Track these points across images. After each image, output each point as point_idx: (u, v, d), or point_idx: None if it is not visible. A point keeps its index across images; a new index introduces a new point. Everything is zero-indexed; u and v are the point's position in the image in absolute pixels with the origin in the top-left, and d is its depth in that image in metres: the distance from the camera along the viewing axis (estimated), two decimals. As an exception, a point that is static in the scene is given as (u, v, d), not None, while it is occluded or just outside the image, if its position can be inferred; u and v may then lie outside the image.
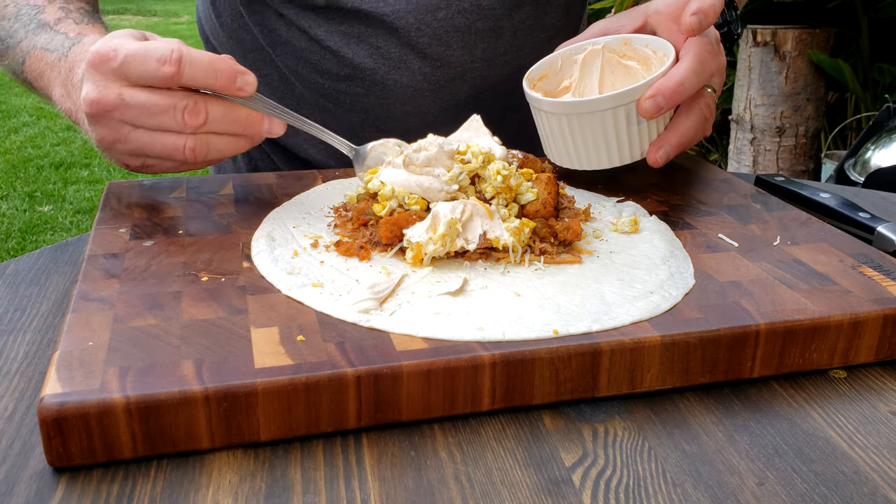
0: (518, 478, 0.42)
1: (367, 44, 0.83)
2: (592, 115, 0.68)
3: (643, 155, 0.71)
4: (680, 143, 0.70)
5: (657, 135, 0.70)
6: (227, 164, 0.99)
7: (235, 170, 0.99)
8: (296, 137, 0.92)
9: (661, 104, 0.66)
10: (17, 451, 0.43)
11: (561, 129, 0.71)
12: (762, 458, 0.44)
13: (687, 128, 0.70)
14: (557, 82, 0.78)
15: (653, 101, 0.66)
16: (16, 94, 5.14)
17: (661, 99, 0.66)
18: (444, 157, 0.61)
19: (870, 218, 0.70)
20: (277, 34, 0.86)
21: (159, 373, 0.43)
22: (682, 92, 0.67)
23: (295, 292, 0.52)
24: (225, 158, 0.67)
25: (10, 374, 0.50)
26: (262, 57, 0.89)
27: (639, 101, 0.67)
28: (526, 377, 0.47)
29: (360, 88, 0.85)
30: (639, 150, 0.71)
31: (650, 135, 0.70)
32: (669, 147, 0.69)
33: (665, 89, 0.66)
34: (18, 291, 0.60)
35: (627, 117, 0.68)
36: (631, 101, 0.67)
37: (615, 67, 0.77)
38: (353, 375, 0.44)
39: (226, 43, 0.92)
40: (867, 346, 0.52)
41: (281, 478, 0.42)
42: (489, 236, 0.56)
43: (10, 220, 3.20)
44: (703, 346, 0.49)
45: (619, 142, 0.70)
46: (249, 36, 0.89)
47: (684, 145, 0.70)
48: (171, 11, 9.07)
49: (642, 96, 0.67)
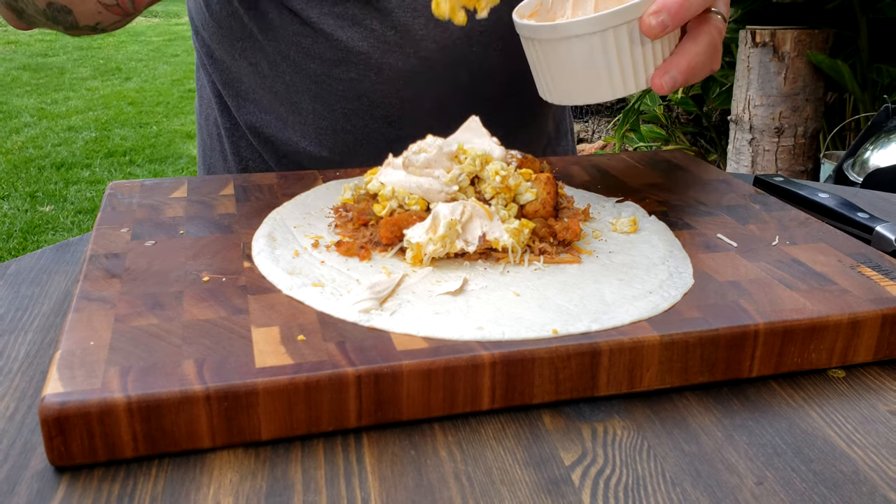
0: (518, 477, 0.42)
1: (362, 27, 0.81)
2: (592, 36, 0.63)
3: (648, 82, 0.65)
4: (689, 67, 0.64)
5: (662, 59, 0.65)
6: (218, 163, 0.98)
7: (226, 170, 0.97)
8: (286, 130, 0.90)
9: (665, 22, 0.61)
10: (19, 451, 0.43)
11: (558, 58, 0.65)
12: (761, 458, 0.44)
13: (696, 53, 0.64)
14: (550, 19, 0.71)
15: (657, 18, 0.61)
16: (17, 95, 5.15)
17: (665, 16, 0.61)
18: (443, 158, 0.61)
19: (868, 218, 0.70)
20: (268, 19, 0.84)
21: (160, 372, 0.43)
22: (688, 7, 0.61)
23: (296, 292, 0.52)
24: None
25: (12, 374, 0.50)
26: (252, 45, 0.87)
27: (641, 19, 0.61)
28: (525, 376, 0.47)
29: (354, 73, 0.83)
30: (644, 76, 0.64)
31: (655, 59, 0.64)
32: (677, 72, 0.63)
33: (670, 4, 0.61)
34: (20, 291, 0.60)
35: (631, 37, 0.62)
36: (633, 20, 0.62)
37: (610, 3, 0.69)
38: (354, 375, 0.44)
39: (215, 32, 0.90)
40: (866, 345, 0.53)
41: (281, 477, 0.42)
42: (489, 237, 0.57)
43: (12, 220, 3.20)
44: (702, 345, 0.49)
45: (623, 67, 0.64)
46: (238, 23, 0.87)
47: (693, 72, 0.64)
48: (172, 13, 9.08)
49: (645, 13, 0.61)
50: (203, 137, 0.99)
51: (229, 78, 0.91)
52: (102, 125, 4.56)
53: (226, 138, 0.94)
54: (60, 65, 6.11)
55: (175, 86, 5.57)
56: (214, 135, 0.96)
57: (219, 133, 0.95)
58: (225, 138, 0.95)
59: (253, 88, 0.90)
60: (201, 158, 1.01)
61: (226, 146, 0.95)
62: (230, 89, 0.92)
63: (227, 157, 0.95)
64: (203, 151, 1.00)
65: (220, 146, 0.96)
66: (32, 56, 6.38)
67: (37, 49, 6.68)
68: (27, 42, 6.97)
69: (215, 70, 0.92)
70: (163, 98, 5.22)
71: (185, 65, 6.24)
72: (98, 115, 4.77)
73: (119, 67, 6.08)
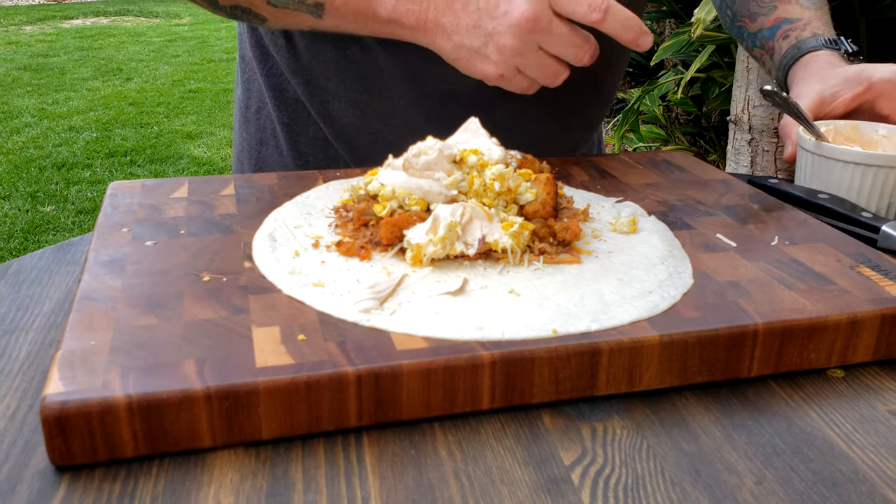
0: (517, 476, 0.42)
1: None
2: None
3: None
4: None
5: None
6: (272, 157, 0.93)
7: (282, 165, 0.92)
8: (367, 118, 0.86)
9: None
10: (20, 450, 0.43)
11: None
12: (760, 457, 0.44)
13: None
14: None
15: None
16: (18, 95, 5.15)
17: None
18: (443, 161, 0.61)
19: (872, 217, 0.70)
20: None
21: (161, 372, 0.43)
22: None
23: (296, 292, 0.52)
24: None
25: (13, 374, 0.50)
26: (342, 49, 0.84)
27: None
28: (525, 376, 0.47)
29: None
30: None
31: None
32: None
33: None
34: (21, 291, 0.61)
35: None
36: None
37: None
38: (354, 374, 0.44)
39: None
40: (865, 345, 0.53)
41: (282, 476, 0.42)
42: (488, 240, 0.57)
43: (13, 220, 3.21)
44: (701, 345, 0.49)
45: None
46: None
47: None
48: (173, 13, 9.08)
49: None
50: (250, 133, 0.96)
51: (304, 66, 0.87)
52: (103, 125, 4.56)
53: (282, 133, 0.92)
54: (61, 65, 6.11)
55: (176, 86, 5.57)
56: (268, 130, 0.93)
57: (273, 128, 0.93)
58: (281, 133, 0.92)
59: (335, 75, 0.86)
60: (245, 154, 0.97)
61: (281, 141, 0.92)
62: (302, 77, 0.88)
63: (283, 153, 0.93)
64: (248, 147, 0.96)
65: (274, 141, 0.93)
66: (33, 56, 6.39)
67: (38, 49, 6.68)
68: (28, 42, 6.98)
69: (287, 58, 0.88)
70: (164, 98, 5.22)
71: (186, 65, 6.24)
72: (99, 115, 4.77)
73: (120, 68, 6.08)
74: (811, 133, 0.78)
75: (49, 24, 8.06)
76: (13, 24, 7.91)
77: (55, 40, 7.13)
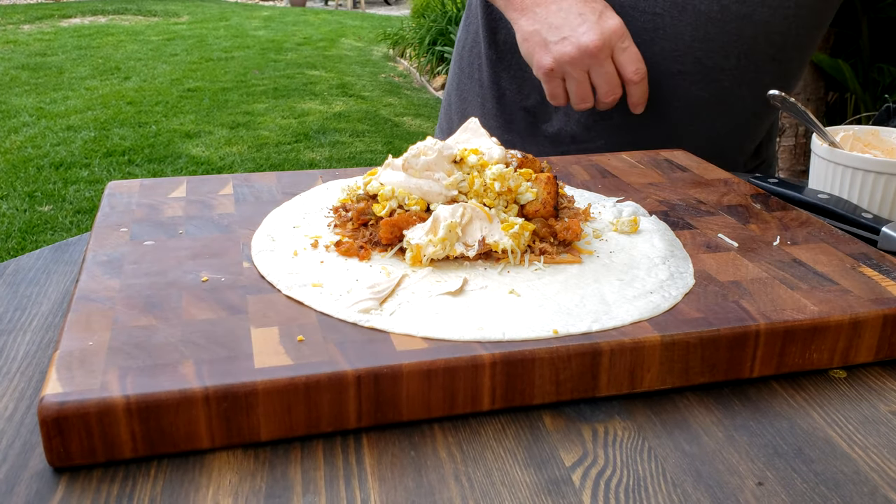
0: (518, 478, 0.42)
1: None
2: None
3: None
4: None
5: None
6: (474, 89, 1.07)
7: (481, 97, 1.06)
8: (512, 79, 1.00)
9: None
10: (18, 451, 0.43)
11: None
12: (762, 458, 0.44)
13: None
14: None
15: None
16: (16, 94, 5.15)
17: None
18: (443, 161, 0.61)
19: (873, 218, 0.70)
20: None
21: (159, 372, 0.43)
22: None
23: (295, 292, 0.52)
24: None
25: (11, 374, 0.50)
26: None
27: None
28: (526, 377, 0.47)
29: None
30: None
31: None
32: None
33: None
34: (19, 291, 0.60)
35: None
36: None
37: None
38: (353, 375, 0.44)
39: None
40: (867, 345, 0.52)
41: (281, 478, 0.42)
42: (488, 241, 0.56)
43: (11, 219, 3.20)
44: (702, 345, 0.49)
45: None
46: None
47: None
48: (171, 12, 9.08)
49: None
50: (461, 68, 1.11)
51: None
52: (101, 125, 4.56)
53: (486, 68, 1.05)
54: (59, 64, 6.11)
55: (174, 85, 5.56)
56: (475, 65, 1.08)
57: (479, 64, 1.06)
58: (486, 68, 1.05)
59: None
60: (455, 87, 1.12)
61: (484, 75, 1.06)
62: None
63: (484, 85, 1.06)
64: (459, 80, 1.11)
65: (478, 75, 1.07)
66: (31, 55, 6.38)
67: (35, 48, 6.67)
68: (26, 41, 6.97)
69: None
70: (162, 97, 5.22)
71: (185, 64, 6.24)
72: (97, 114, 4.77)
73: (118, 67, 6.08)
74: (823, 139, 0.78)
75: (47, 22, 8.05)
76: (11, 23, 7.90)
77: (53, 39, 7.12)
